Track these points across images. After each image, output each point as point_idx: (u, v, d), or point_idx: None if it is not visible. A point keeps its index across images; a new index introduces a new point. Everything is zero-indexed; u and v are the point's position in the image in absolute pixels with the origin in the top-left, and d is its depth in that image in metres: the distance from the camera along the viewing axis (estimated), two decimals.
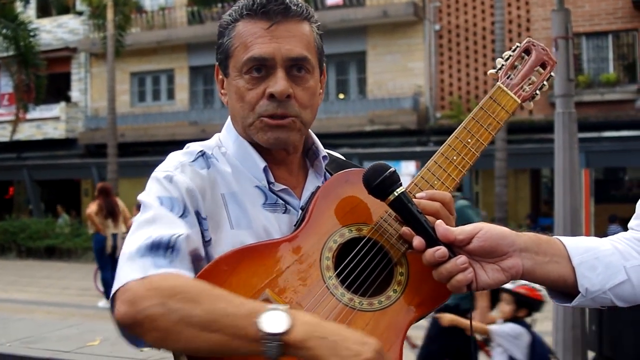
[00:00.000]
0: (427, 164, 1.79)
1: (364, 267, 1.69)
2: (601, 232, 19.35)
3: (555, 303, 1.81)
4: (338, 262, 1.68)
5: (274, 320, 1.41)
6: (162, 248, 1.57)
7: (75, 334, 7.63)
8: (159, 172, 1.75)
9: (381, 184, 1.65)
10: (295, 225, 1.77)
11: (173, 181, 1.70)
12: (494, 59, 21.13)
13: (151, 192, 1.71)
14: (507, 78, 1.91)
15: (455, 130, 1.83)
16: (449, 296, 1.73)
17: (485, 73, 23.77)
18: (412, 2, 24.40)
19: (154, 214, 1.65)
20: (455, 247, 1.62)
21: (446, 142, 1.82)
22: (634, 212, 1.86)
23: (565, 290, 1.73)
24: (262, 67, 1.75)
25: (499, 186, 20.86)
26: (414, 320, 1.70)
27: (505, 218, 20.84)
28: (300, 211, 1.81)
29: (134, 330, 1.49)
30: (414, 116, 24.00)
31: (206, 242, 1.70)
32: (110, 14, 24.90)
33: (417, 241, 1.62)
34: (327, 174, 1.93)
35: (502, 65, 1.93)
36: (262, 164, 1.80)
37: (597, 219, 21.58)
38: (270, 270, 1.62)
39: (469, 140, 1.82)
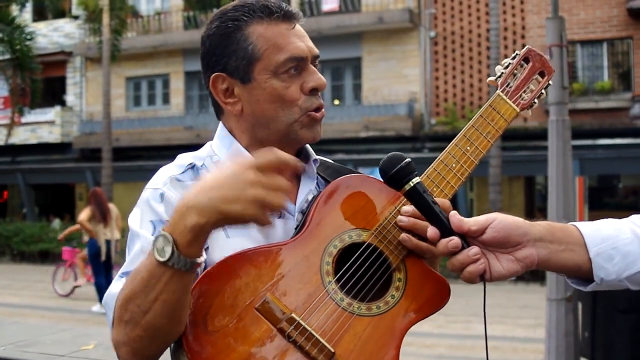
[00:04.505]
0: (426, 171, 1.81)
1: (363, 273, 1.70)
2: None
3: (571, 285, 1.81)
4: (338, 267, 1.70)
5: (159, 249, 1.46)
6: None
7: (69, 338, 7.60)
8: (149, 190, 1.76)
9: (397, 174, 1.65)
10: (295, 229, 1.78)
11: (164, 198, 1.72)
12: (489, 66, 21.25)
13: (144, 217, 1.72)
14: (507, 86, 1.91)
15: (455, 138, 1.84)
16: (446, 301, 1.75)
17: (480, 80, 23.85)
18: (408, 8, 24.45)
19: (141, 245, 1.67)
20: (469, 238, 1.63)
21: (445, 149, 1.83)
22: None
23: (580, 276, 1.73)
24: (297, 66, 1.79)
25: (493, 193, 20.91)
26: (411, 324, 1.71)
27: None
28: (297, 215, 1.82)
29: (144, 357, 1.56)
30: (409, 122, 24.03)
31: None
32: (106, 18, 24.93)
33: (432, 231, 1.64)
34: (322, 179, 1.94)
35: (502, 73, 1.93)
36: None
37: None
38: (271, 274, 1.64)
39: (468, 148, 1.83)
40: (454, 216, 1.64)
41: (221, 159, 1.85)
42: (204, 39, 1.87)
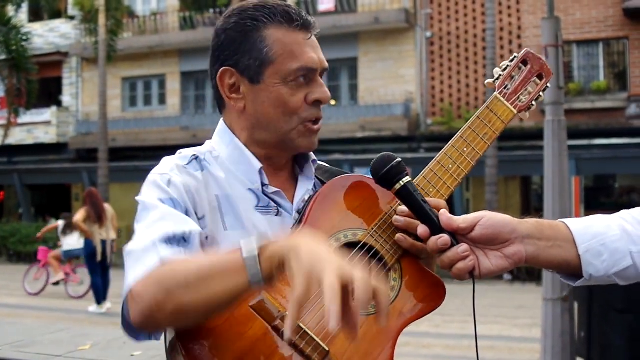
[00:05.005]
0: (423, 171, 1.82)
1: None
2: None
3: (561, 279, 1.83)
4: None
5: (249, 244, 1.44)
6: (175, 241, 1.59)
7: (66, 338, 7.61)
8: (155, 175, 1.76)
9: (388, 174, 1.68)
10: (292, 229, 1.78)
11: (171, 183, 1.72)
12: (485, 66, 21.29)
13: (152, 195, 1.71)
14: (504, 88, 1.92)
15: (452, 139, 1.85)
16: (441, 301, 1.76)
17: (476, 80, 23.88)
18: (404, 9, 24.47)
19: (161, 212, 1.65)
20: (458, 236, 1.66)
21: (442, 150, 1.83)
22: None
23: (568, 272, 1.75)
24: (306, 76, 1.82)
25: (490, 193, 20.93)
26: (406, 324, 1.72)
27: None
28: (294, 214, 1.83)
29: (152, 323, 1.50)
30: (405, 123, 24.05)
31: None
32: (102, 18, 24.91)
33: (422, 229, 1.66)
34: (319, 182, 1.95)
35: (500, 75, 1.95)
36: (258, 165, 1.82)
37: None
38: None
39: (465, 149, 1.84)
40: (444, 214, 1.67)
41: (220, 154, 1.86)
42: (219, 32, 1.86)
